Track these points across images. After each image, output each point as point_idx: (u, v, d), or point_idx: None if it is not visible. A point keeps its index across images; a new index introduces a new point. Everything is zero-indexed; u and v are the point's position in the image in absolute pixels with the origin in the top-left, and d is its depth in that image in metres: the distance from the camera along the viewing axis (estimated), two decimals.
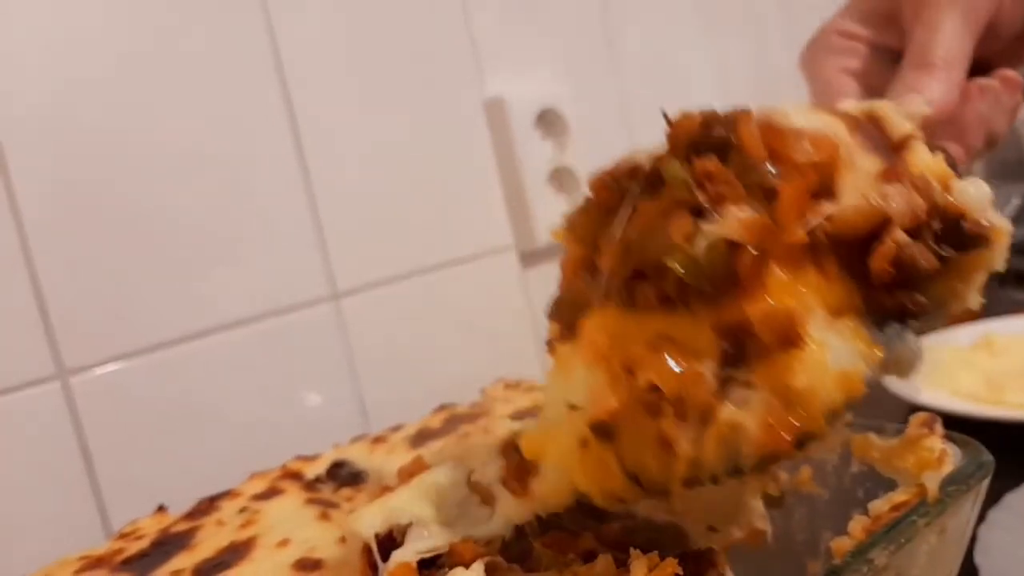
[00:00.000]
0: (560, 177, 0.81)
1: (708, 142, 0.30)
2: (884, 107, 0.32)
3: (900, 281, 0.28)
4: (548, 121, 0.80)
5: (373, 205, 0.71)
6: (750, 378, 0.28)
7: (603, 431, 0.29)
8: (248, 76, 0.65)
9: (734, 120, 0.30)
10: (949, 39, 0.40)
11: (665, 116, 0.31)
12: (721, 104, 0.32)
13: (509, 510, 0.34)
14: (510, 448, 0.34)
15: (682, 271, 0.28)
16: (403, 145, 0.73)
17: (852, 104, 0.33)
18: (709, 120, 0.30)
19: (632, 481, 0.29)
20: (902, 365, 0.31)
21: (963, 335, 0.81)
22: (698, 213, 0.29)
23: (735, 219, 0.28)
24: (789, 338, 0.27)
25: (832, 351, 0.28)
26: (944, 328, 0.31)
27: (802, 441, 0.27)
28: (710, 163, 0.29)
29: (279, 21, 0.66)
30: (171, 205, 0.61)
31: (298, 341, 0.67)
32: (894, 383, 0.71)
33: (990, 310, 0.86)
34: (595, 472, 0.30)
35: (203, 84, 0.63)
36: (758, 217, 0.28)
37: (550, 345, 0.33)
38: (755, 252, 0.28)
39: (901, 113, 0.32)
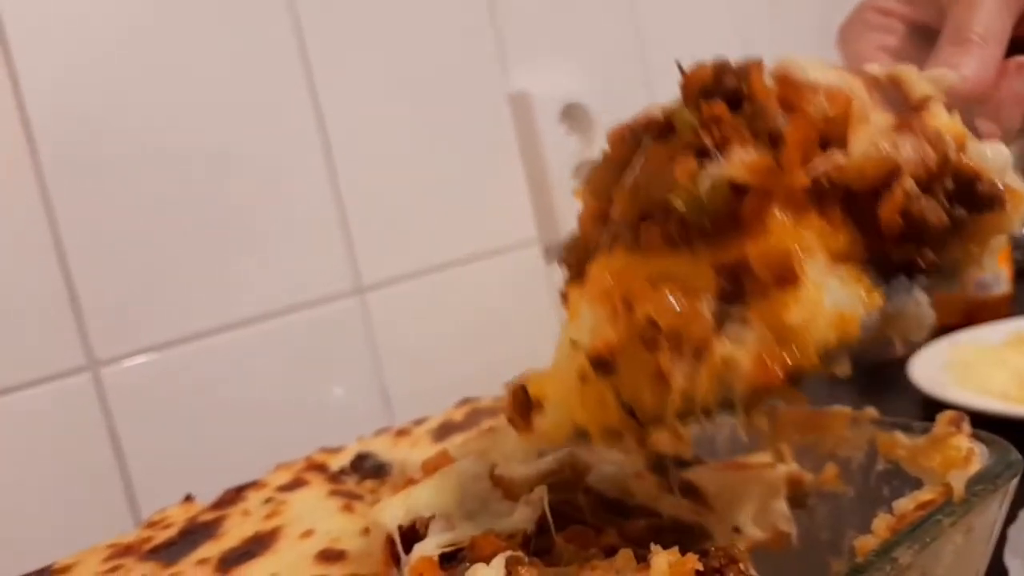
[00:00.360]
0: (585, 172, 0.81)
1: (720, 90, 0.30)
2: (906, 70, 0.31)
3: (909, 235, 0.28)
4: (573, 115, 0.80)
5: (398, 200, 0.72)
6: (746, 315, 0.28)
7: (601, 364, 0.29)
8: (276, 72, 0.66)
9: (746, 69, 0.30)
10: (987, 16, 0.39)
11: (679, 66, 0.31)
12: None
13: (511, 445, 0.34)
14: (517, 387, 0.34)
15: (684, 209, 0.28)
16: (428, 139, 0.73)
17: (876, 68, 0.33)
18: (721, 69, 0.30)
19: (627, 414, 0.29)
20: (908, 321, 0.30)
21: (994, 333, 0.80)
22: (705, 156, 0.29)
23: (739, 159, 0.28)
24: (786, 276, 0.27)
25: (830, 292, 0.28)
26: (960, 279, 0.30)
27: (794, 377, 0.27)
28: (717, 107, 0.29)
29: (307, 20, 0.67)
30: (200, 200, 0.62)
31: (323, 335, 0.67)
32: (916, 374, 0.71)
33: (1021, 308, 0.84)
34: (593, 405, 0.30)
35: (232, 81, 0.64)
36: (762, 158, 0.28)
37: (563, 295, 0.34)
38: (757, 193, 0.28)
39: (925, 78, 0.31)
